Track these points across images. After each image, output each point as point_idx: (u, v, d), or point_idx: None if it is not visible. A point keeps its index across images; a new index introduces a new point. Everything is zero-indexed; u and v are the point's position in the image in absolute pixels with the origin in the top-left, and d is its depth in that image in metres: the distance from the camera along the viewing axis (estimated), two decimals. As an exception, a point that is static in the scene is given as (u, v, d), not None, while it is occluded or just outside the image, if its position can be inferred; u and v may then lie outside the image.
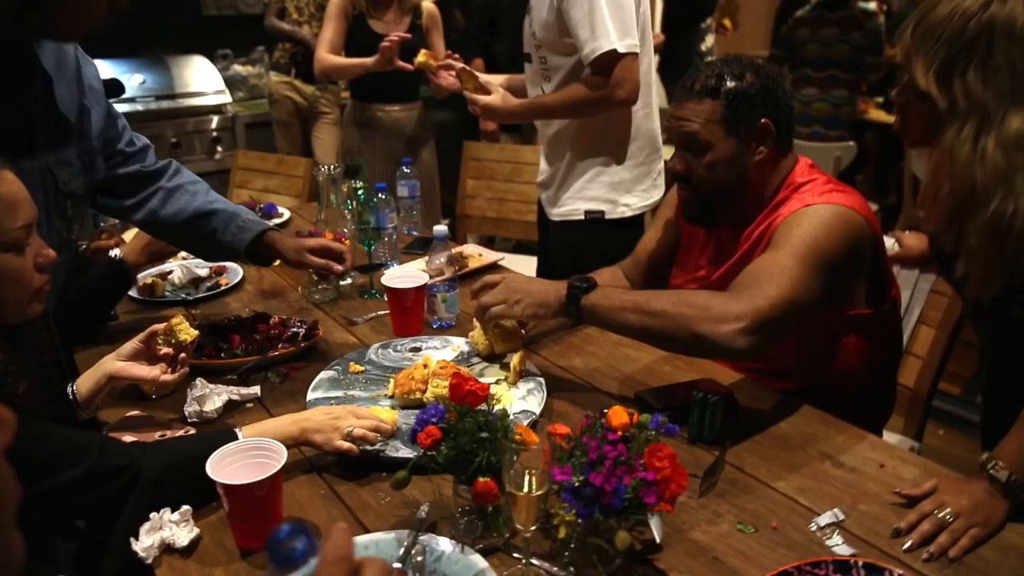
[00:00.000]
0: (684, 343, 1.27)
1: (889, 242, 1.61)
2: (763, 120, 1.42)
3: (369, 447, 1.18)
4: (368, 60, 2.70)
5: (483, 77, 2.18)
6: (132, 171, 1.52)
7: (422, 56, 2.37)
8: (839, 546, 1.02)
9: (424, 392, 1.34)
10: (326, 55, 2.87)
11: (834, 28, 4.04)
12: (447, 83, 2.30)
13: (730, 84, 1.41)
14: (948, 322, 1.81)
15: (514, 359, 1.45)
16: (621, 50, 1.85)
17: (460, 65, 2.19)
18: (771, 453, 1.24)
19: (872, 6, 4.30)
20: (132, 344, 1.28)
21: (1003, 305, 1.19)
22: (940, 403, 2.77)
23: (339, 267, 1.60)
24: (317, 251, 1.59)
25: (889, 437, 1.71)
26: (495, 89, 2.05)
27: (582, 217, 2.10)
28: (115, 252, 1.70)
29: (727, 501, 1.12)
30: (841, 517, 1.07)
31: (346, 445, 1.16)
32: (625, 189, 2.09)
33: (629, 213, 2.09)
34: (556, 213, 2.15)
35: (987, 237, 1.11)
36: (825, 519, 1.07)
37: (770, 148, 1.44)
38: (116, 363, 1.26)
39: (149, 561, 0.99)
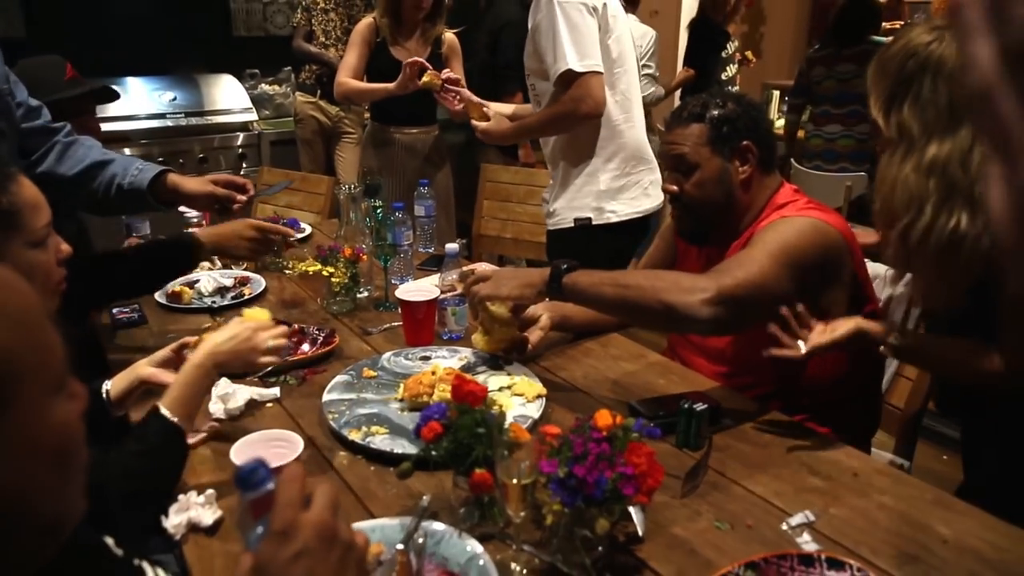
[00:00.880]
0: (654, 312, 1.38)
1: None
2: (745, 142, 1.56)
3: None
4: (390, 85, 2.81)
5: (495, 106, 2.43)
6: (38, 126, 1.63)
7: (427, 77, 2.56)
8: (807, 543, 1.10)
9: (431, 396, 1.44)
10: (347, 79, 3.00)
11: (851, 63, 4.05)
12: (452, 107, 2.51)
13: (714, 111, 1.56)
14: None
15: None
16: (578, 69, 2.06)
17: (466, 93, 2.38)
18: (752, 460, 1.33)
19: (887, 40, 4.34)
20: (165, 352, 1.37)
21: (960, 328, 1.28)
22: (944, 428, 2.82)
23: (242, 197, 1.76)
24: (221, 183, 1.74)
25: (880, 455, 1.78)
26: (494, 115, 2.29)
27: (571, 224, 2.26)
28: (193, 228, 1.87)
29: (707, 501, 1.21)
30: (812, 518, 1.16)
31: (269, 359, 1.28)
32: (611, 196, 2.24)
33: (615, 219, 2.25)
34: (550, 223, 2.33)
35: (898, 248, 1.26)
36: (797, 519, 1.15)
37: (753, 168, 1.57)
38: (148, 368, 1.35)
39: (177, 538, 1.09)
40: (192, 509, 1.11)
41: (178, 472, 1.17)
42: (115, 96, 2.33)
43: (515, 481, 0.98)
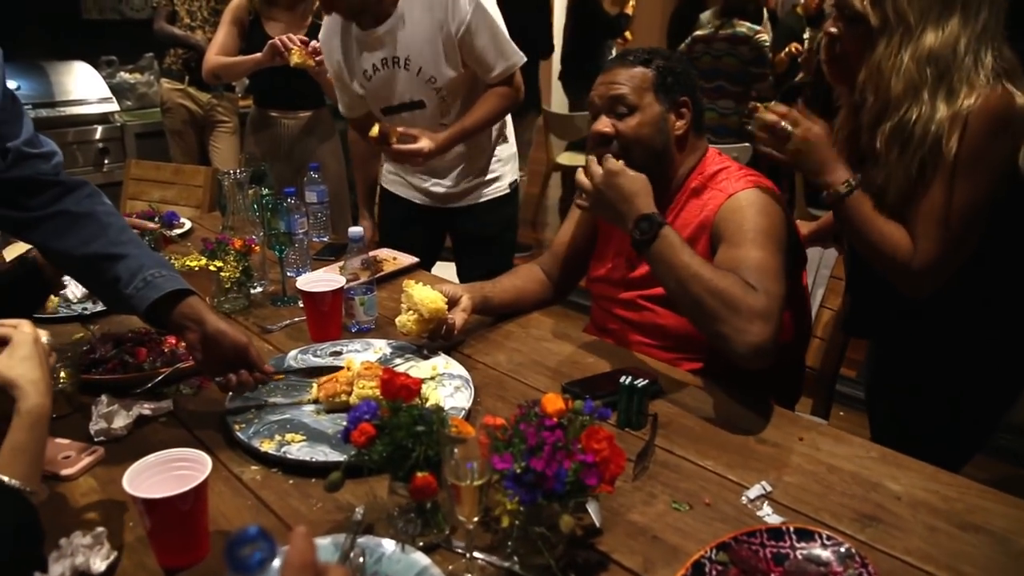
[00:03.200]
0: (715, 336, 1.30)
1: None
2: (684, 97, 1.52)
3: None
4: (258, 55, 2.69)
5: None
6: (30, 177, 1.27)
7: (295, 57, 2.54)
8: (770, 516, 1.05)
9: (350, 394, 1.30)
10: (214, 56, 2.81)
11: (724, 43, 4.28)
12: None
13: (661, 60, 1.52)
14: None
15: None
16: (522, 61, 2.15)
17: (388, 130, 2.12)
18: (698, 434, 1.27)
19: (758, 27, 4.50)
20: None
21: None
22: (839, 386, 2.95)
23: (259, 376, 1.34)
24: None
25: (799, 416, 1.79)
26: (419, 133, 2.09)
27: (508, 190, 2.38)
28: (29, 251, 1.47)
29: (660, 482, 1.14)
30: (769, 489, 1.11)
31: (53, 358, 1.06)
32: (514, 158, 2.43)
33: (520, 177, 2.44)
34: (486, 192, 2.34)
35: (891, 142, 1.28)
36: (754, 492, 1.10)
37: (688, 126, 1.54)
38: None
39: (61, 590, 0.91)
40: (78, 554, 0.93)
41: (32, 543, 0.89)
42: None
43: (468, 482, 0.86)
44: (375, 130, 2.01)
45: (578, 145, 5.62)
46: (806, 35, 5.25)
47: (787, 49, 4.70)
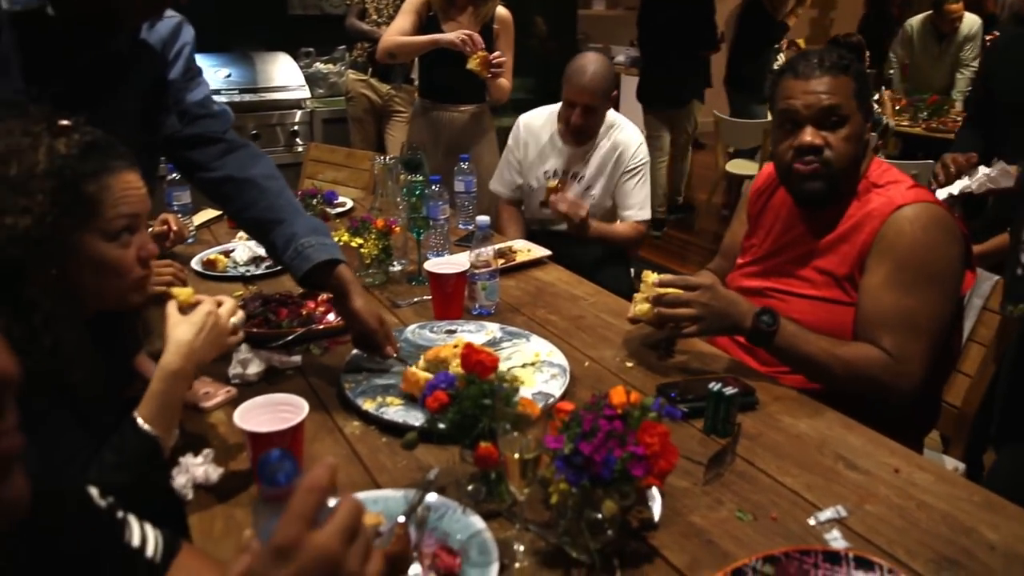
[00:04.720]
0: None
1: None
2: (870, 101, 1.52)
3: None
4: (436, 35, 2.85)
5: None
6: (195, 133, 1.44)
7: (475, 64, 2.72)
8: (836, 540, 1.02)
9: (449, 368, 1.40)
10: (389, 36, 2.98)
11: None
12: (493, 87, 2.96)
13: (855, 64, 1.50)
14: (1001, 340, 1.76)
15: None
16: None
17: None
18: (784, 450, 1.24)
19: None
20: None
21: None
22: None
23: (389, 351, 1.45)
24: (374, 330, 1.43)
25: (935, 456, 1.68)
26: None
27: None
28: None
29: (731, 490, 1.13)
30: (844, 514, 1.07)
31: (237, 338, 1.19)
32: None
33: None
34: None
35: None
36: (826, 514, 1.07)
37: (870, 128, 1.53)
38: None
39: (189, 497, 1.08)
40: (193, 469, 1.09)
41: (158, 481, 1.07)
42: None
43: (516, 455, 0.92)
44: (553, 182, 2.45)
45: (747, 154, 5.43)
46: None
47: None
